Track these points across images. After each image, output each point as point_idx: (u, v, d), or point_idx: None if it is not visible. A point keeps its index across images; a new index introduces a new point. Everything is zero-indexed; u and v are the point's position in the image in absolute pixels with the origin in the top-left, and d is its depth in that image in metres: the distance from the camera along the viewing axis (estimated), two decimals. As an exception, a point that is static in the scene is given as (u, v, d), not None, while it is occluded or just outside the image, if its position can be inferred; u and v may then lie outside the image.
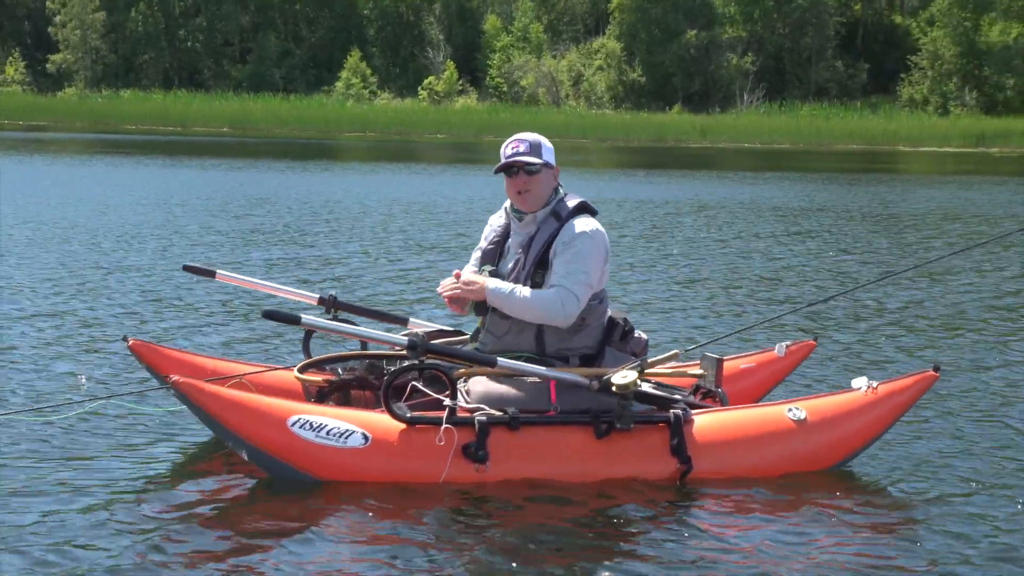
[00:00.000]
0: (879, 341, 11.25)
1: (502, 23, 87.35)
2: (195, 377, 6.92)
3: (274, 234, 19.35)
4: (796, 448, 6.90)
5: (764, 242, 19.69)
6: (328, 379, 7.11)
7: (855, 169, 43.41)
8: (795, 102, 76.74)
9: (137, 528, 6.00)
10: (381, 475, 6.50)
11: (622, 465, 6.66)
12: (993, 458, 7.47)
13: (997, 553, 5.94)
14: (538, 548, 5.91)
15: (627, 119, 69.47)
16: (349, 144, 57.38)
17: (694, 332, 11.25)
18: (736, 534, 6.12)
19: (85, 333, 10.88)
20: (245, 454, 6.61)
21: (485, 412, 6.54)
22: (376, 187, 30.39)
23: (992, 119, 68.73)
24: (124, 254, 16.36)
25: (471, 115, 72.85)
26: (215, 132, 64.46)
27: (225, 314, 11.93)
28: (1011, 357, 10.61)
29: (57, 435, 7.48)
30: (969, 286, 14.93)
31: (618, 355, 6.83)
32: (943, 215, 25.40)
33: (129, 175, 31.89)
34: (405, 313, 9.10)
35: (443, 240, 19.00)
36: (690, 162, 46.09)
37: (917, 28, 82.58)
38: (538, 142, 6.88)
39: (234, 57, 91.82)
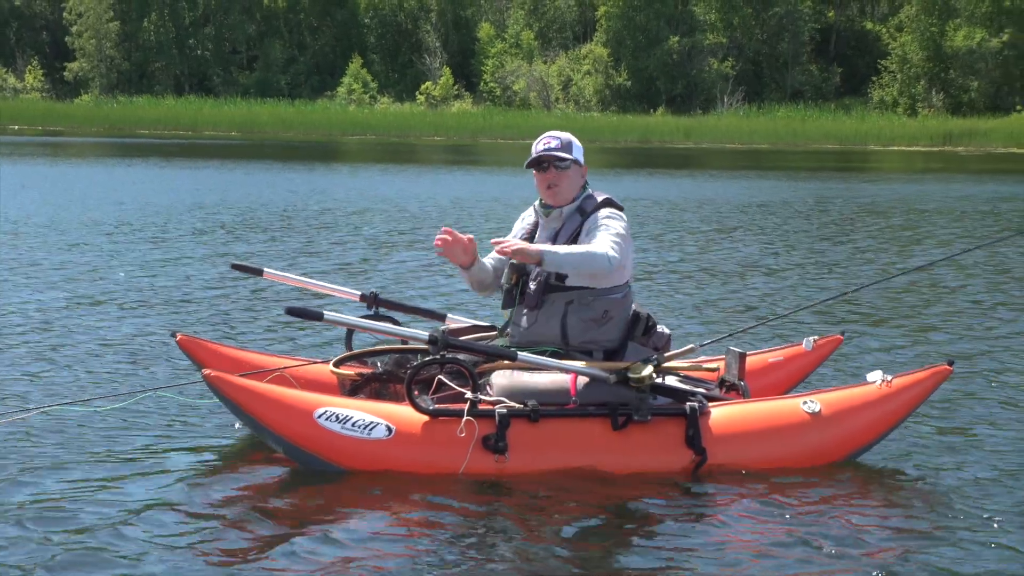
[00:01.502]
0: (902, 334, 11.07)
1: (495, 31, 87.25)
2: (238, 371, 6.94)
3: (308, 231, 19.27)
4: (810, 440, 6.76)
5: (770, 237, 19.53)
6: (361, 372, 7.02)
7: (830, 167, 43.36)
8: (772, 104, 76.61)
9: (172, 512, 6.01)
10: (404, 465, 6.44)
11: (639, 456, 6.56)
12: (1008, 452, 7.29)
13: (1012, 546, 5.76)
14: (554, 537, 5.82)
15: (614, 121, 69.32)
16: (352, 146, 57.27)
17: (716, 326, 10.99)
18: (749, 525, 6.00)
19: (133, 328, 10.77)
20: (275, 445, 6.57)
21: (505, 404, 6.44)
22: (397, 186, 30.34)
23: (958, 119, 68.66)
24: (168, 251, 16.28)
25: (466, 118, 72.70)
26: (224, 135, 64.35)
27: (271, 310, 11.77)
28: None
29: (100, 426, 7.44)
30: (989, 280, 14.66)
31: (640, 349, 6.72)
32: (933, 210, 25.27)
33: (152, 176, 31.74)
34: (444, 308, 8.96)
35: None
36: (674, 162, 46.12)
37: (887, 34, 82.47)
38: (569, 140, 6.82)
39: (242, 64, 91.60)
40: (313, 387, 7.13)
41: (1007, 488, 6.60)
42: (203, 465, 6.85)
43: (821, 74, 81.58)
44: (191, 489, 6.39)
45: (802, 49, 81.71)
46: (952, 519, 6.11)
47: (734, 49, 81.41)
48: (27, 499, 6.11)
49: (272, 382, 7.03)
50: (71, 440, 7.17)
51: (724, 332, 9.20)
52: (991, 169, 42.28)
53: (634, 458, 6.55)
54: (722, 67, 79.75)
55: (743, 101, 77.01)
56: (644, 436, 6.55)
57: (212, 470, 6.77)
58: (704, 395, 6.75)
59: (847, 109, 75.54)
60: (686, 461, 6.56)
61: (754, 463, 6.64)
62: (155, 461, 6.84)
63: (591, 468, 6.49)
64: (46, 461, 6.76)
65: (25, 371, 8.95)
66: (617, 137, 63.26)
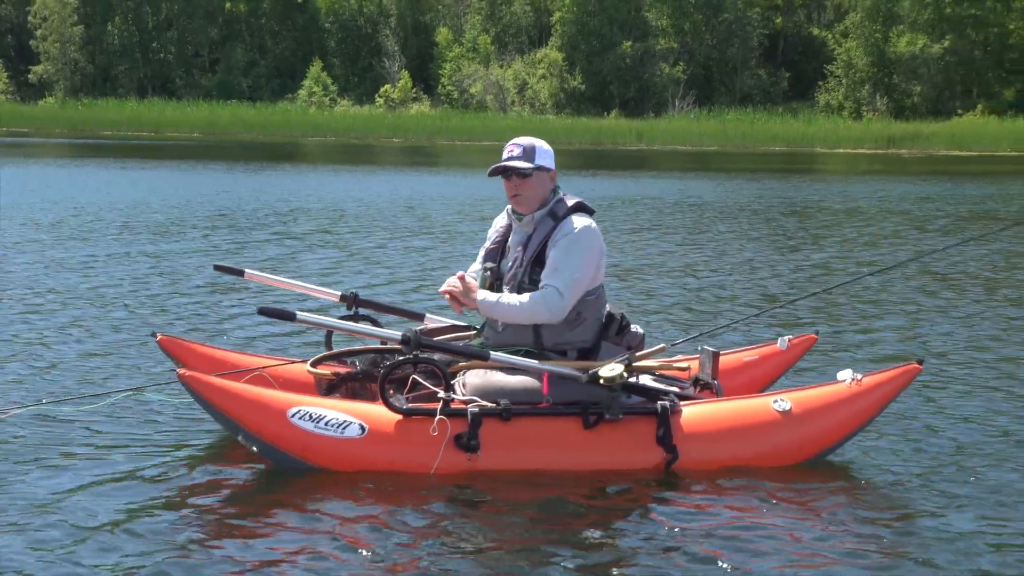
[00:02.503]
0: (876, 332, 11.00)
1: (453, 35, 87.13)
2: (217, 371, 6.85)
3: (283, 231, 19.15)
4: (780, 439, 6.67)
5: (737, 238, 19.47)
6: (337, 372, 6.92)
7: (778, 169, 43.44)
8: (722, 108, 76.82)
9: (146, 512, 5.91)
10: (377, 464, 6.36)
11: (610, 455, 6.47)
12: (976, 450, 7.22)
13: (978, 543, 5.71)
14: (524, 535, 5.74)
15: (568, 123, 69.29)
16: (312, 147, 57.06)
17: (690, 326, 10.89)
18: (718, 523, 5.91)
19: (114, 329, 10.62)
20: (249, 444, 6.47)
21: (478, 404, 6.36)
22: (365, 186, 30.18)
23: (901, 123, 69.07)
24: (145, 251, 16.11)
25: (424, 120, 72.66)
26: (186, 137, 63.98)
27: (252, 310, 11.59)
28: (998, 350, 10.27)
29: (78, 426, 7.34)
30: (958, 279, 14.58)
31: (614, 349, 6.63)
32: (894, 211, 25.33)
33: (120, 177, 31.42)
34: (423, 309, 8.86)
35: (439, 235, 18.80)
36: (627, 163, 46.20)
37: (833, 39, 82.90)
38: (532, 147, 6.68)
39: (204, 67, 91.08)
40: (292, 387, 7.04)
41: (975, 486, 6.53)
42: (178, 464, 6.73)
43: (769, 78, 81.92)
44: (165, 489, 6.28)
45: (751, 54, 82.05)
46: (920, 517, 6.04)
47: (685, 54, 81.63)
48: (2, 500, 6.01)
49: (251, 382, 6.96)
50: (49, 440, 7.06)
51: (696, 332, 9.15)
52: (938, 171, 42.44)
53: (605, 457, 6.46)
54: (673, 71, 79.95)
55: (694, 105, 77.20)
56: (615, 435, 6.46)
57: (187, 469, 6.65)
58: (676, 394, 6.68)
59: (794, 113, 75.89)
60: (657, 459, 6.47)
61: (725, 461, 6.55)
62: (131, 461, 6.73)
63: (562, 467, 6.41)
64: (23, 461, 6.65)
65: (2, 372, 8.80)
66: (571, 139, 63.18)
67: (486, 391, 6.45)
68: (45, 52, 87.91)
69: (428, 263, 15.54)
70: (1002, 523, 5.98)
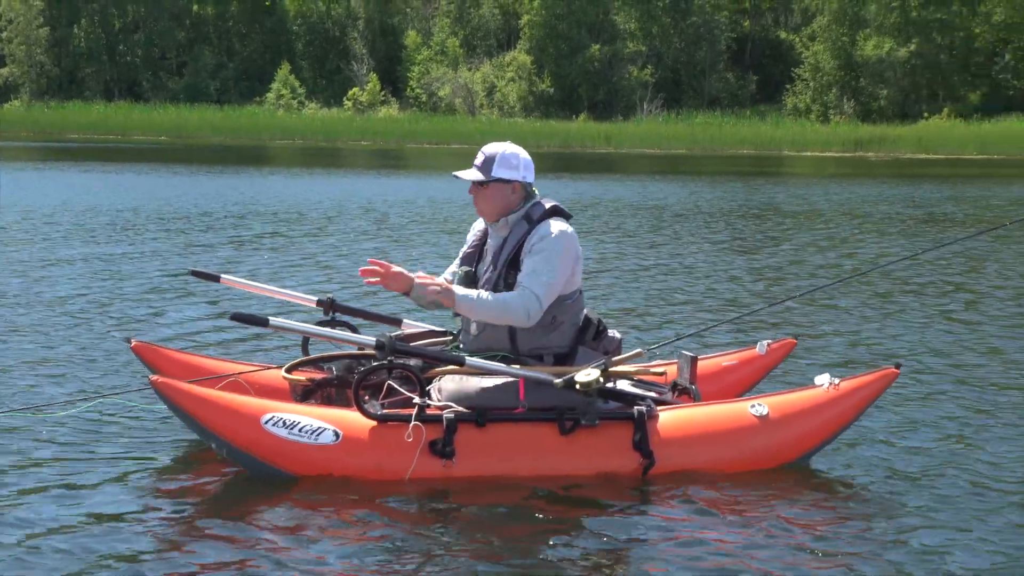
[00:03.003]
0: (856, 336, 10.96)
1: (421, 38, 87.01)
2: (192, 376, 6.79)
3: (258, 235, 19.03)
4: (758, 443, 6.62)
5: (712, 242, 19.43)
6: (312, 378, 6.85)
7: (747, 172, 43.52)
8: (691, 111, 76.95)
9: (119, 519, 5.85)
10: (351, 471, 6.28)
11: (586, 460, 6.41)
12: (954, 453, 7.19)
13: (954, 546, 5.69)
14: (500, 541, 5.68)
15: (537, 126, 69.23)
16: (281, 150, 56.89)
17: (668, 331, 10.81)
18: (696, 528, 5.86)
19: (89, 334, 10.52)
20: (222, 451, 6.39)
21: (453, 409, 6.30)
22: (338, 190, 30.08)
23: (868, 126, 69.25)
24: (118, 255, 16.00)
25: (393, 124, 72.53)
26: (153, 140, 63.68)
27: (228, 316, 11.49)
28: (976, 355, 10.22)
29: (51, 432, 7.27)
30: (938, 282, 14.58)
31: (591, 354, 6.58)
32: (867, 213, 25.37)
33: (88, 180, 31.19)
34: (401, 313, 8.79)
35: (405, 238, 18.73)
36: (596, 166, 46.21)
37: (800, 43, 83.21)
38: (492, 157, 6.59)
39: (171, 70, 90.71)
40: (268, 393, 6.98)
41: (953, 491, 6.50)
42: (151, 472, 6.66)
43: (737, 82, 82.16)
44: (138, 495, 6.21)
45: (719, 58, 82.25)
46: (898, 521, 6.01)
47: (653, 57, 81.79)
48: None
49: (226, 388, 6.88)
50: (22, 446, 6.99)
51: (673, 336, 9.12)
52: (905, 174, 42.62)
53: (582, 462, 6.41)
54: (642, 75, 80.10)
55: (662, 108, 77.32)
56: (592, 440, 6.41)
57: (160, 476, 6.59)
58: (653, 399, 6.63)
59: (762, 115, 76.11)
60: (634, 465, 6.42)
61: (702, 466, 6.50)
62: (103, 468, 6.65)
63: (538, 472, 6.35)
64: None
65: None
66: (540, 142, 63.16)
67: (461, 397, 6.40)
68: (11, 55, 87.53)
69: (404, 266, 15.42)
70: (979, 528, 5.95)
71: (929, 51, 76.38)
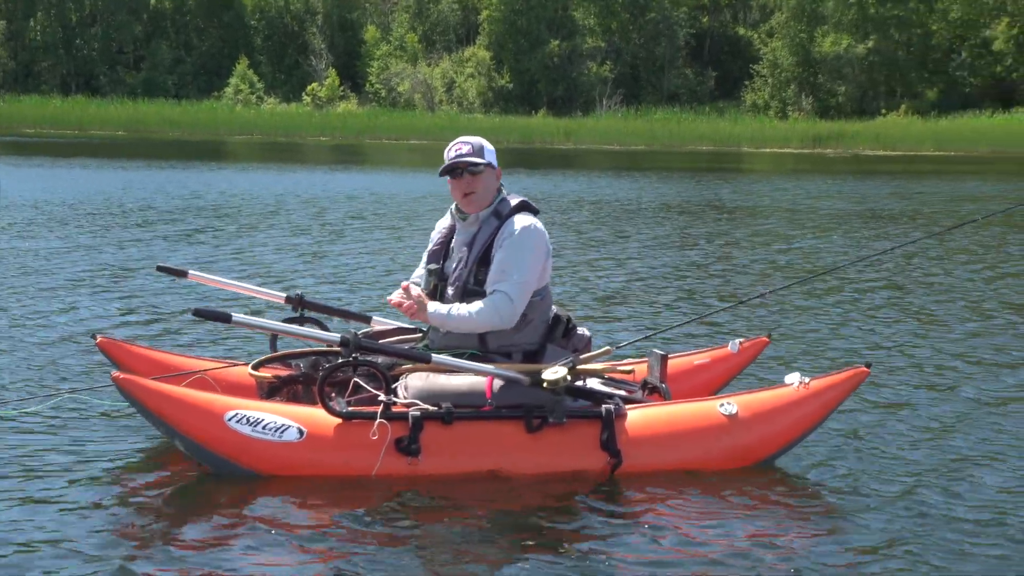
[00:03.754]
0: (828, 335, 10.91)
1: (380, 33, 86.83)
2: (158, 373, 6.70)
3: (224, 230, 18.90)
4: (727, 443, 6.56)
5: (680, 238, 19.39)
6: (278, 375, 6.77)
7: (707, 168, 43.59)
8: (649, 107, 77.12)
9: (81, 517, 5.78)
10: (316, 468, 6.21)
11: (553, 459, 6.35)
12: (922, 453, 7.15)
13: (922, 545, 5.66)
14: (465, 539, 5.64)
15: (496, 122, 69.12)
16: (239, 146, 56.56)
17: (638, 328, 10.68)
18: (661, 528, 5.82)
19: (54, 330, 10.38)
20: (186, 448, 6.30)
21: (419, 407, 6.23)
22: (300, 185, 29.88)
23: (826, 122, 69.60)
24: (81, 248, 15.85)
25: (352, 119, 72.22)
26: (110, 135, 63.19)
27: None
28: (946, 353, 10.19)
29: (13, 429, 7.16)
30: (908, 281, 14.53)
31: (560, 351, 6.53)
32: (833, 210, 25.41)
33: (47, 175, 30.87)
34: (371, 310, 8.72)
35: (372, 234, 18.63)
36: (556, 162, 46.15)
37: (758, 39, 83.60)
38: (480, 144, 6.58)
39: (129, 64, 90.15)
40: (234, 390, 6.89)
41: (922, 490, 6.47)
42: (113, 469, 6.57)
43: (696, 78, 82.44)
44: (98, 494, 6.12)
45: (678, 54, 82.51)
46: (867, 521, 5.97)
47: (612, 53, 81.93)
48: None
49: (192, 385, 6.79)
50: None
51: (643, 333, 9.07)
52: (864, 170, 42.81)
53: (549, 460, 6.35)
54: (601, 70, 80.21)
55: (621, 103, 77.45)
56: (559, 438, 6.35)
57: (122, 474, 6.50)
58: (622, 397, 6.58)
59: (721, 112, 76.38)
60: (601, 464, 6.36)
61: (670, 465, 6.45)
62: (67, 465, 6.57)
63: (505, 470, 6.30)
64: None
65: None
66: (499, 138, 63.05)
67: (428, 394, 6.33)
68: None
69: (369, 262, 15.38)
70: (946, 529, 5.93)
71: (886, 48, 76.91)
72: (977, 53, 76.39)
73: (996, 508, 6.24)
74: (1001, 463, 7.03)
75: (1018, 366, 9.81)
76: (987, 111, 71.13)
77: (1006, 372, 9.56)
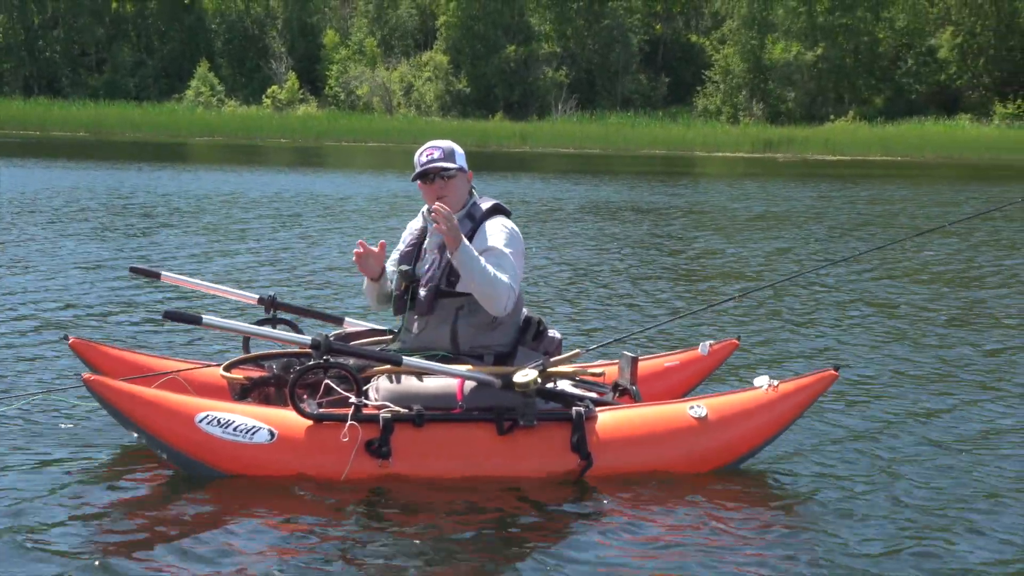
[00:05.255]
0: (798, 338, 10.86)
1: (340, 38, 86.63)
2: (130, 374, 6.60)
3: (193, 231, 18.73)
4: (696, 445, 6.49)
5: (643, 241, 19.32)
6: (249, 376, 6.66)
7: (659, 172, 43.60)
8: (604, 111, 77.13)
9: (50, 519, 5.66)
10: (286, 470, 6.11)
11: (524, 461, 6.27)
12: (891, 456, 7.10)
13: (890, 548, 5.60)
14: (435, 542, 5.55)
15: (454, 125, 68.98)
16: (201, 147, 56.25)
17: (609, 331, 10.61)
18: (632, 530, 5.74)
19: (25, 330, 10.21)
20: (156, 450, 6.20)
21: (390, 409, 6.13)
22: (262, 186, 29.70)
23: (776, 128, 69.79)
24: (57, 250, 15.62)
25: (311, 121, 71.94)
26: (72, 136, 62.68)
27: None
28: (915, 356, 10.15)
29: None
30: (880, 284, 14.50)
31: (530, 354, 6.44)
32: (794, 213, 25.46)
33: (10, 175, 30.52)
34: (342, 312, 8.61)
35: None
36: (512, 165, 46.11)
37: (710, 46, 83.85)
38: (451, 148, 6.50)
39: (91, 66, 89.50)
40: (207, 391, 6.78)
41: (889, 492, 6.42)
42: (83, 471, 6.45)
43: (649, 83, 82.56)
44: (67, 497, 6.00)
45: (632, 59, 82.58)
46: (834, 524, 5.92)
47: (568, 58, 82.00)
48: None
49: (164, 386, 6.67)
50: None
51: (614, 336, 9.01)
52: (815, 174, 42.96)
53: (519, 463, 6.26)
54: (556, 75, 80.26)
55: (576, 108, 77.48)
56: (529, 441, 6.26)
57: (93, 475, 6.39)
58: (592, 400, 6.50)
59: (674, 117, 76.48)
60: (572, 466, 6.28)
61: (640, 467, 6.37)
62: (34, 467, 6.44)
63: (475, 473, 6.21)
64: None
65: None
66: (457, 140, 62.75)
67: (399, 396, 6.24)
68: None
69: (337, 263, 15.27)
70: (916, 528, 5.89)
71: (835, 55, 77.37)
72: (922, 61, 76.99)
73: (969, 505, 6.22)
74: (972, 461, 7.02)
75: (988, 366, 9.80)
76: (932, 117, 71.69)
77: (975, 372, 9.57)
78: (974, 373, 9.56)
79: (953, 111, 73.00)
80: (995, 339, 11.11)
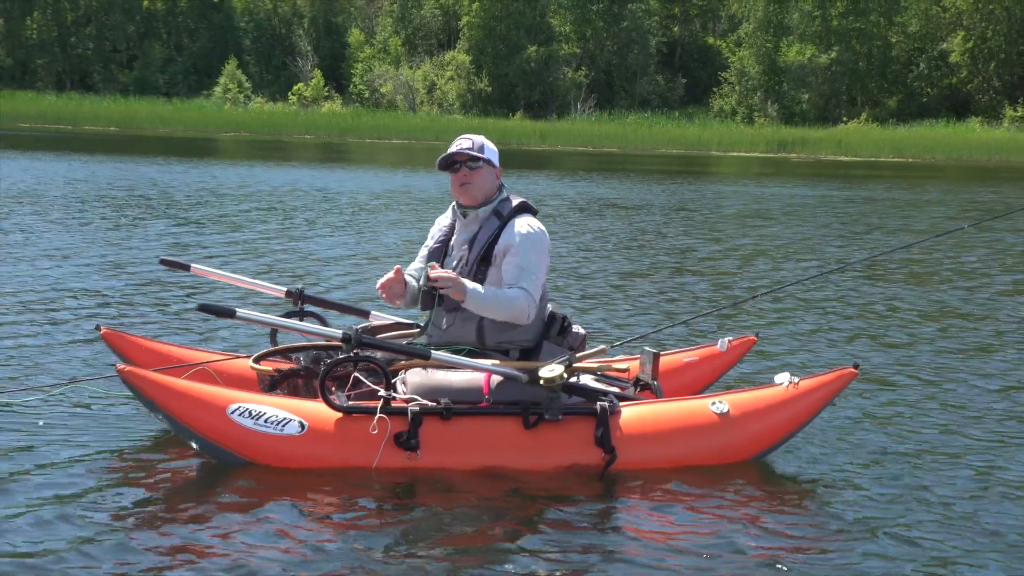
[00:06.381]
0: (816, 335, 10.75)
1: (365, 37, 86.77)
2: (161, 365, 6.58)
3: (225, 225, 18.69)
4: (718, 440, 6.46)
5: (666, 239, 19.20)
6: (279, 368, 6.62)
7: (675, 171, 43.46)
8: (622, 111, 77.08)
9: (84, 507, 5.64)
10: (316, 462, 6.09)
11: (549, 455, 6.23)
12: (907, 452, 7.04)
13: (908, 543, 5.55)
14: (462, 534, 5.53)
15: (475, 123, 68.82)
16: (228, 143, 56.25)
17: (631, 327, 10.57)
18: (656, 524, 5.71)
19: (59, 321, 10.17)
20: (189, 440, 6.19)
21: (418, 402, 6.11)
22: (291, 180, 29.63)
23: (790, 128, 69.54)
24: (90, 243, 15.59)
25: (336, 118, 71.93)
26: (103, 131, 62.80)
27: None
28: (935, 355, 10.04)
29: (15, 418, 6.99)
30: (900, 283, 14.38)
31: (555, 349, 6.41)
32: (816, 212, 25.37)
33: (45, 168, 30.47)
34: (369, 304, 8.58)
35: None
36: (532, 163, 45.99)
37: (727, 48, 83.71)
38: (482, 142, 6.48)
39: (122, 63, 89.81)
40: (236, 383, 6.75)
41: (909, 489, 6.36)
42: (116, 460, 6.43)
43: (667, 84, 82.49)
44: (101, 485, 5.98)
45: (649, 61, 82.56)
46: (854, 519, 5.87)
47: (587, 59, 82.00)
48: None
49: (194, 377, 6.63)
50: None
51: (637, 332, 8.95)
52: (828, 175, 42.79)
53: (544, 457, 6.23)
54: (576, 76, 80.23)
55: (595, 108, 77.41)
56: (555, 435, 6.23)
57: (126, 464, 6.36)
58: (616, 395, 6.47)
59: (690, 117, 76.33)
60: (596, 460, 6.24)
61: (662, 462, 6.35)
62: (68, 456, 6.41)
63: (502, 466, 6.18)
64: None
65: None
66: (478, 139, 62.96)
67: (427, 390, 6.21)
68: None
69: (363, 257, 15.25)
70: (934, 526, 5.83)
71: (848, 58, 77.18)
72: (934, 65, 76.72)
73: (986, 501, 6.18)
74: (990, 458, 6.97)
75: (1009, 365, 9.72)
76: (943, 120, 71.42)
77: (997, 371, 9.47)
78: (996, 372, 9.46)
79: (964, 114, 72.71)
80: (1018, 339, 11.00)
